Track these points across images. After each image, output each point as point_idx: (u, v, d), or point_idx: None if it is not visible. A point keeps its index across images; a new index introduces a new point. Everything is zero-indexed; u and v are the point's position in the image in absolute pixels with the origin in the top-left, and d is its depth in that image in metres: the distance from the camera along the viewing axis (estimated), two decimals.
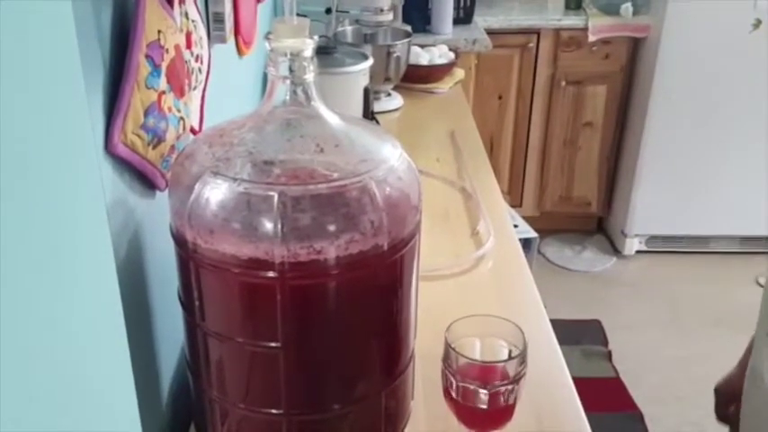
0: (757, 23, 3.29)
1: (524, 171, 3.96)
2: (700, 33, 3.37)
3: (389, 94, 2.46)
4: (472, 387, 0.95)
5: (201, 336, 0.88)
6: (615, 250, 3.94)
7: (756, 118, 3.46)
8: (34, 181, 0.59)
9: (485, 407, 0.96)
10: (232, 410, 0.92)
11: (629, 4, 3.57)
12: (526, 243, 2.05)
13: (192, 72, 1.07)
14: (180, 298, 0.90)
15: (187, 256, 0.84)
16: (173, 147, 0.94)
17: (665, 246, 3.86)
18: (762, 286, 3.50)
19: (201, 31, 1.12)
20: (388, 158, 0.86)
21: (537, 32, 3.62)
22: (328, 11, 2.48)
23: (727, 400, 1.48)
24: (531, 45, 3.64)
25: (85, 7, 0.76)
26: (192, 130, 1.05)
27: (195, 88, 1.09)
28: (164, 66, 0.90)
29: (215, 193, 0.79)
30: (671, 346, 3.17)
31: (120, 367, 0.82)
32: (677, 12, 3.34)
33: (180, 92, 0.97)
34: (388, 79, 2.40)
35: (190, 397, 0.99)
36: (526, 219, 2.34)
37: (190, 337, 0.92)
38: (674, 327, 3.32)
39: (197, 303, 0.86)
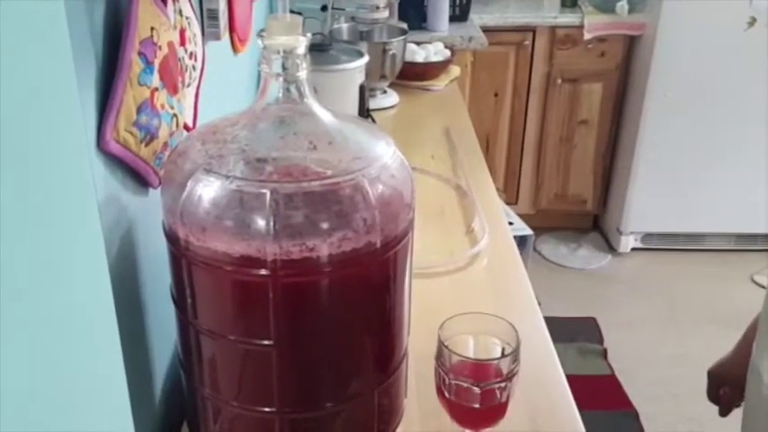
0: (752, 21, 3.30)
1: (520, 169, 3.96)
2: (695, 31, 3.37)
3: (385, 92, 2.46)
4: (465, 385, 0.95)
5: (194, 333, 0.88)
6: (611, 248, 3.94)
7: (752, 115, 3.47)
8: (24, 178, 0.58)
9: (477, 405, 0.96)
10: (224, 408, 0.92)
11: (624, 2, 3.57)
12: (522, 240, 2.05)
13: (186, 69, 1.06)
14: (172, 295, 0.90)
15: (179, 254, 0.83)
16: (166, 144, 0.94)
17: (660, 243, 3.86)
18: (757, 284, 3.51)
19: (196, 28, 1.12)
20: (381, 156, 0.85)
21: (533, 30, 3.62)
22: (324, 8, 2.48)
23: (719, 383, 1.52)
24: (526, 43, 3.64)
25: (78, 5, 0.76)
26: (186, 127, 1.05)
27: (189, 85, 1.09)
28: (157, 63, 0.90)
29: (207, 190, 0.79)
30: (667, 344, 3.17)
31: (111, 365, 0.82)
32: (672, 10, 3.34)
33: (173, 89, 0.96)
34: (383, 76, 2.40)
35: (182, 395, 0.99)
36: (522, 216, 2.34)
37: (182, 335, 0.92)
38: (670, 324, 3.32)
39: (189, 301, 0.86)
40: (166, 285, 0.91)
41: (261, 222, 0.77)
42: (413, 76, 2.58)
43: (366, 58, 2.02)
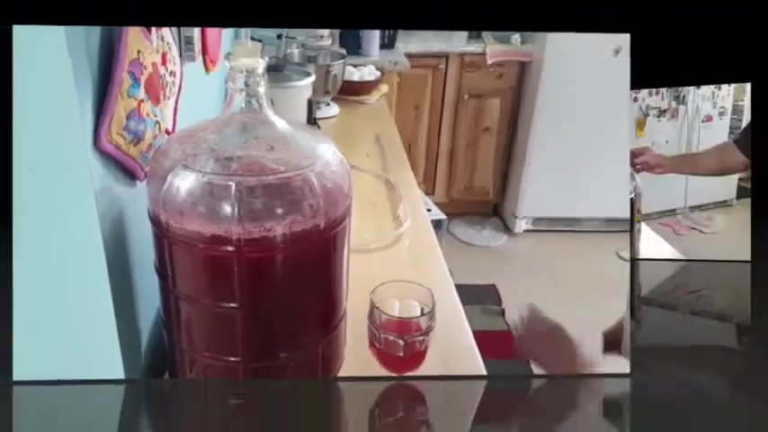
0: (618, 50, 3.36)
1: (436, 167, 3.96)
2: (573, 59, 3.42)
3: (328, 104, 2.44)
4: (392, 338, 0.97)
5: (174, 299, 0.88)
6: (507, 229, 3.97)
7: (616, 127, 3.53)
8: (34, 173, 0.58)
9: (402, 354, 0.97)
10: (198, 359, 0.91)
11: (518, 35, 3.60)
12: (437, 224, 2.06)
13: (167, 84, 1.05)
14: (156, 269, 0.90)
15: (162, 235, 0.83)
16: (150, 145, 0.93)
17: (547, 225, 3.91)
18: (621, 258, 3.58)
19: (175, 51, 1.11)
20: (324, 155, 0.86)
21: (446, 56, 3.63)
22: (279, 36, 2.46)
23: (609, 345, 1.54)
24: (441, 66, 3.64)
25: (77, 31, 0.75)
26: (167, 132, 1.04)
27: (169, 98, 1.07)
28: (143, 79, 0.89)
29: (184, 183, 0.79)
30: (551, 309, 3.21)
31: (106, 326, 0.81)
32: (555, 41, 3.38)
33: (156, 100, 0.95)
34: (327, 92, 2.39)
35: (164, 349, 0.98)
36: (438, 204, 2.34)
37: (164, 300, 0.91)
38: (555, 293, 3.36)
39: (170, 273, 0.85)
40: (151, 260, 0.91)
41: (227, 209, 0.77)
42: (350, 92, 2.57)
43: (313, 78, 2.01)
